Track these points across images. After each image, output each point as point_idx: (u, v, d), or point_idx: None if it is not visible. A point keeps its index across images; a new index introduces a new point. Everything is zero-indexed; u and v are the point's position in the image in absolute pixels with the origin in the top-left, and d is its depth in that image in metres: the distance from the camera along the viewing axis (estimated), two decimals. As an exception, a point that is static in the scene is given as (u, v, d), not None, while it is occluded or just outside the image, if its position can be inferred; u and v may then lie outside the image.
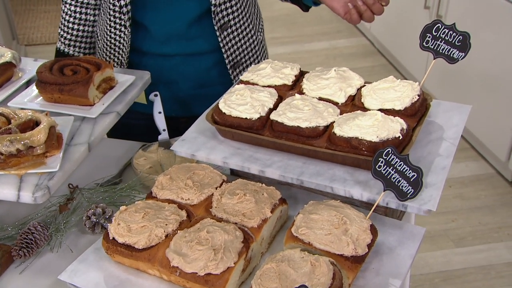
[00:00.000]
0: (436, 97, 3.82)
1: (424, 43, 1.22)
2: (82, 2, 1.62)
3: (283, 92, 1.30)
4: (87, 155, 1.25)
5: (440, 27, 1.19)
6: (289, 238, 1.04)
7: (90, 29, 1.67)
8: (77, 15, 1.64)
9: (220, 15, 1.54)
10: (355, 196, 1.09)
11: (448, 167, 1.13)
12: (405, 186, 1.02)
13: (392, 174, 1.03)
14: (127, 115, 1.43)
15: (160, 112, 1.51)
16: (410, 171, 1.02)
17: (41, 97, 1.35)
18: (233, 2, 1.55)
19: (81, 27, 1.66)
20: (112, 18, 1.55)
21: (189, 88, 1.67)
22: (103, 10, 1.60)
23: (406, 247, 1.08)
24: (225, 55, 1.60)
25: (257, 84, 1.32)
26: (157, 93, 1.54)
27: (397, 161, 1.03)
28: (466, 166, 3.26)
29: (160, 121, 1.51)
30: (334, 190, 1.11)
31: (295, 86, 1.32)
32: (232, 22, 1.57)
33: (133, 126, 1.70)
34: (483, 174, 3.20)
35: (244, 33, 1.62)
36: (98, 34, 1.65)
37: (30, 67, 1.50)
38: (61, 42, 1.69)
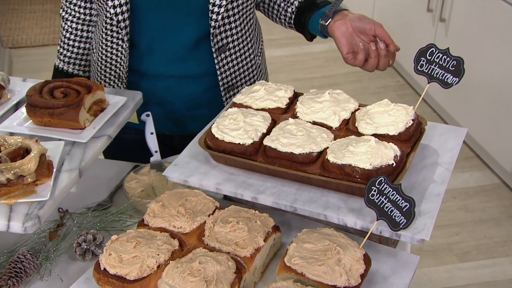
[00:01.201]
0: (440, 104, 3.85)
1: (418, 67, 1.27)
2: (84, 19, 1.67)
3: (277, 115, 1.35)
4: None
5: (434, 51, 1.25)
6: (282, 268, 1.09)
7: (90, 46, 1.71)
8: (78, 33, 1.69)
9: (218, 37, 1.58)
10: (349, 224, 1.15)
11: (442, 194, 1.18)
12: (398, 216, 1.08)
13: (385, 204, 1.09)
14: (120, 131, 1.47)
15: (152, 133, 1.56)
16: (403, 201, 1.07)
17: (31, 120, 1.40)
18: (232, 25, 1.59)
19: (81, 45, 1.70)
20: (109, 32, 1.58)
21: (183, 109, 1.72)
22: (99, 25, 1.63)
23: (400, 276, 1.13)
24: (219, 77, 1.64)
25: (251, 107, 1.37)
26: (149, 113, 1.58)
27: (389, 191, 1.08)
28: (471, 176, 3.31)
29: (152, 142, 1.55)
30: (327, 218, 1.16)
31: (289, 109, 1.37)
32: (230, 45, 1.61)
33: (126, 141, 1.74)
34: (488, 184, 3.25)
35: (243, 57, 1.66)
36: (94, 48, 1.69)
37: (19, 87, 1.55)
38: (60, 60, 1.73)
